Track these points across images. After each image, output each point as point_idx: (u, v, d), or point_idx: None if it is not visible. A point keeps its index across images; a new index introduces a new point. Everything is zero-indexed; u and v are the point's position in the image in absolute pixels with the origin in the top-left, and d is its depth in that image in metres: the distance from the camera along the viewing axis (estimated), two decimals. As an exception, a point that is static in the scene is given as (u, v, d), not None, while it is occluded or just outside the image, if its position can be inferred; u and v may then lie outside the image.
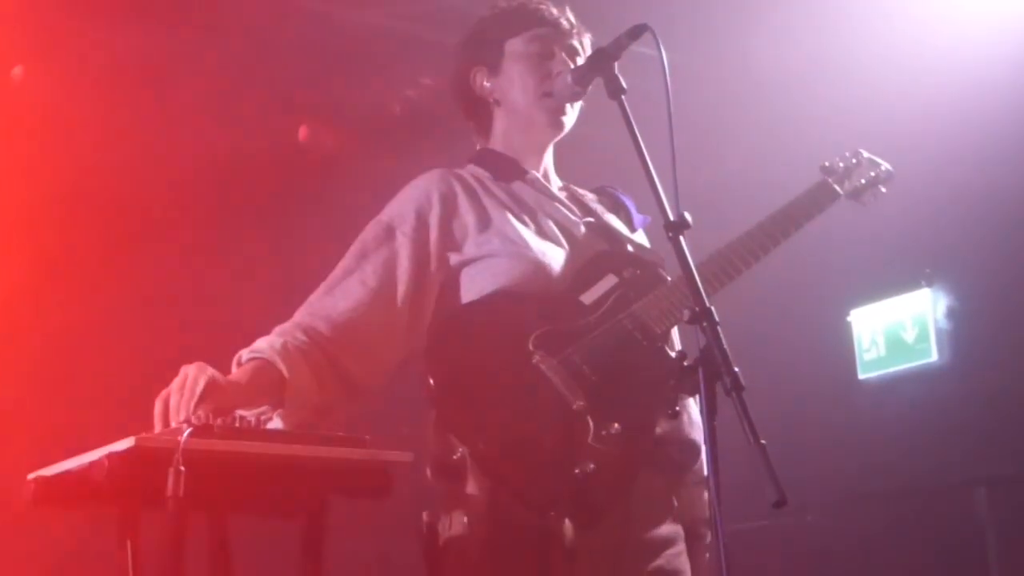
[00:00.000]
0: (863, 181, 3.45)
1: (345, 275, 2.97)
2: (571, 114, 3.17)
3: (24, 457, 2.95)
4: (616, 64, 2.81)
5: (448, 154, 3.40)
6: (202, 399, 2.54)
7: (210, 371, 2.60)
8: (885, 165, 3.50)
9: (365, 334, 2.89)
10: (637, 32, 2.77)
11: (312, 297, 2.96)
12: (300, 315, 2.92)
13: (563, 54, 3.14)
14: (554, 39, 3.16)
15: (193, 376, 2.57)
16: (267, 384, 2.75)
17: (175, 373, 2.63)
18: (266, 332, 2.89)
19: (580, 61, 3.16)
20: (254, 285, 6.07)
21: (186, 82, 6.03)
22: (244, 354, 2.81)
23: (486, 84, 3.20)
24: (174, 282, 6.17)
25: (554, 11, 3.21)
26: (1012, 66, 5.84)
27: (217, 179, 6.27)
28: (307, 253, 6.01)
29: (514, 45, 3.17)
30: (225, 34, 5.94)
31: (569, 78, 3.03)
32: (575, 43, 3.18)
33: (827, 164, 3.41)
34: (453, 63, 3.29)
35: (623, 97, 2.75)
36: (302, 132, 6.90)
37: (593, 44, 3.22)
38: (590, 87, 3.08)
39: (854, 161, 3.46)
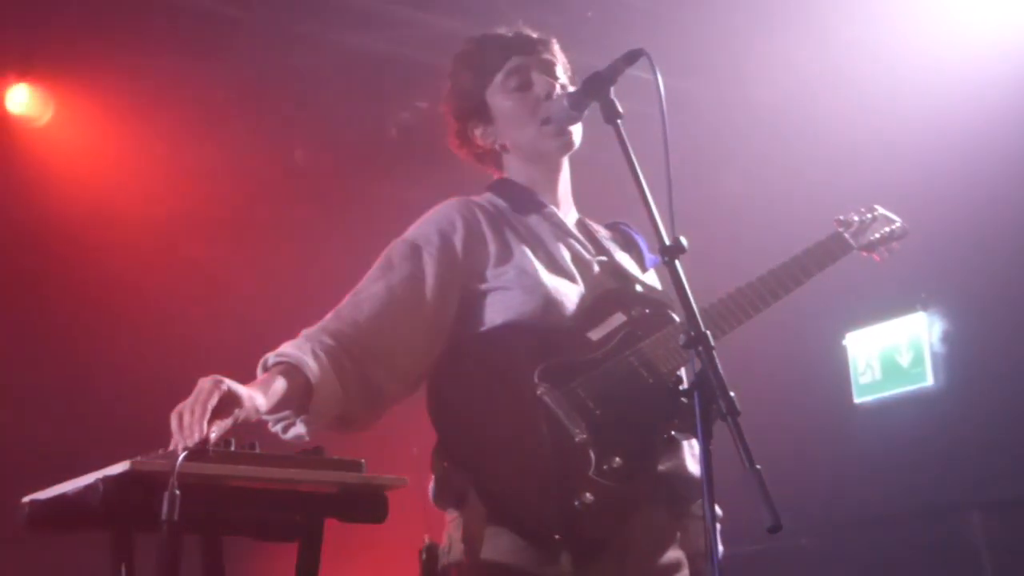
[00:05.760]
0: (876, 236, 3.51)
1: (371, 283, 2.97)
2: (576, 132, 3.16)
3: (19, 480, 2.95)
4: (612, 89, 2.82)
5: (445, 177, 3.40)
6: (215, 414, 2.51)
7: (226, 384, 2.55)
8: (899, 221, 3.56)
9: (390, 340, 2.88)
10: (633, 57, 2.77)
11: (340, 305, 2.95)
12: (327, 319, 2.90)
13: (542, 76, 3.15)
14: (526, 65, 3.16)
15: (207, 391, 2.52)
16: (292, 389, 2.71)
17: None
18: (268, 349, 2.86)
19: (558, 70, 3.18)
20: (256, 303, 6.09)
21: (189, 104, 6.08)
22: (271, 358, 2.78)
23: (486, 136, 3.21)
24: (174, 301, 6.19)
25: (510, 35, 3.21)
26: (1008, 90, 5.87)
27: (221, 200, 6.31)
28: (306, 270, 6.05)
29: (493, 90, 3.17)
30: (227, 58, 5.99)
31: (566, 102, 3.02)
32: (546, 57, 3.18)
33: (842, 217, 3.47)
34: (448, 124, 3.28)
35: (619, 122, 2.76)
36: (298, 154, 6.94)
37: (588, 66, 3.23)
38: (586, 111, 3.08)
39: (869, 216, 3.52)
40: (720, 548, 2.40)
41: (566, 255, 3.07)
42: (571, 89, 3.09)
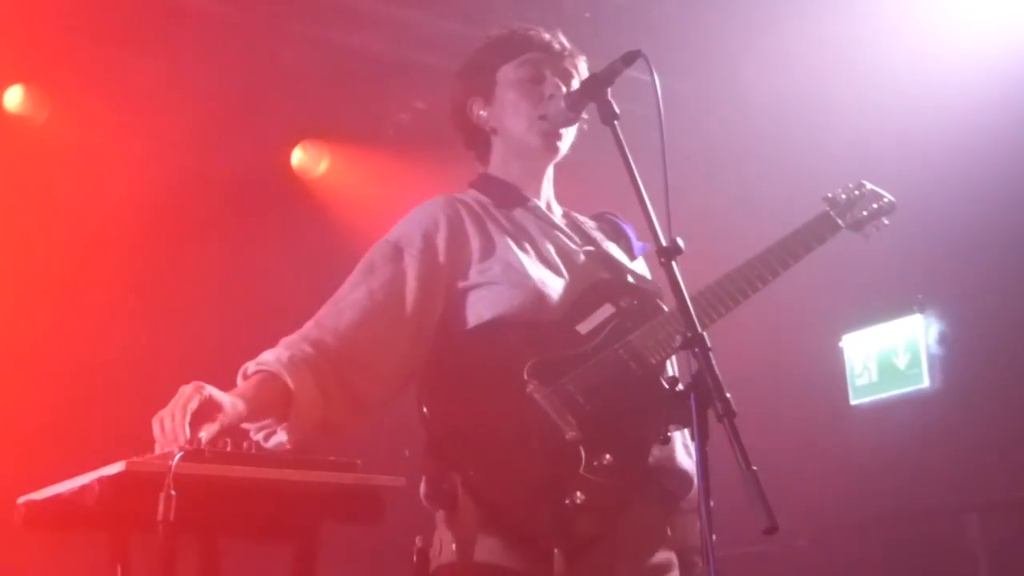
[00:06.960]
0: (865, 213, 3.46)
1: (352, 289, 2.97)
2: (566, 138, 3.17)
3: (15, 480, 2.95)
4: (609, 90, 2.82)
5: (442, 177, 3.40)
6: (197, 419, 2.52)
7: (207, 390, 2.58)
8: (888, 197, 3.52)
9: (371, 346, 2.88)
10: (630, 58, 2.77)
11: (320, 311, 2.95)
12: (307, 327, 2.91)
13: (554, 77, 3.15)
14: (545, 62, 3.17)
15: (188, 396, 2.55)
16: (272, 397, 2.72)
17: (167, 397, 2.60)
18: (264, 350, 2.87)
19: (574, 83, 3.17)
20: (250, 305, 6.07)
21: (186, 105, 6.07)
22: (250, 366, 2.79)
23: (482, 113, 3.21)
24: (169, 303, 6.18)
25: (545, 36, 3.21)
26: (1008, 90, 5.87)
27: (217, 200, 6.30)
28: (302, 271, 6.04)
29: (506, 72, 3.18)
30: (225, 58, 5.98)
31: (563, 103, 3.02)
32: (567, 66, 3.18)
33: (830, 195, 3.43)
34: (450, 94, 3.30)
35: (616, 123, 2.75)
36: (295, 154, 6.94)
37: (588, 67, 3.23)
38: (584, 112, 3.08)
39: (857, 193, 3.48)
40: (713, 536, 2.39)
41: (551, 248, 3.06)
42: None
